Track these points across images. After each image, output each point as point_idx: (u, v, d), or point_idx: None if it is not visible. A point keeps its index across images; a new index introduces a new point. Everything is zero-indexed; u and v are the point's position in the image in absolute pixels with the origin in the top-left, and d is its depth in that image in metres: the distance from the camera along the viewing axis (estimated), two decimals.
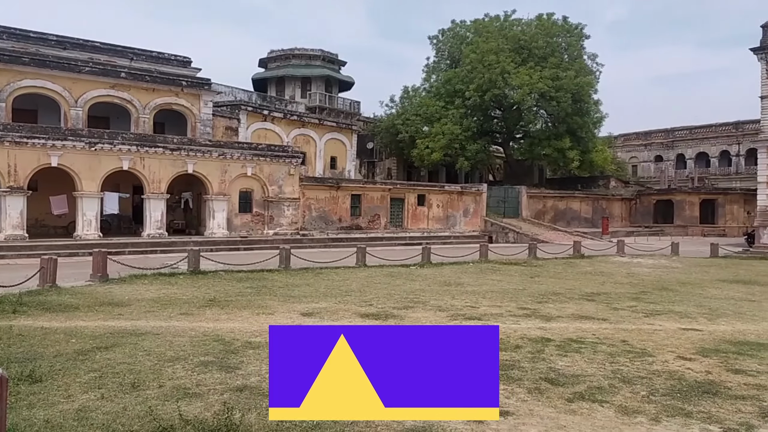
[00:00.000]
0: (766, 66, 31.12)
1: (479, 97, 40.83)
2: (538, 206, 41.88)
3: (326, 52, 49.68)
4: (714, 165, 56.12)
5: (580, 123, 42.25)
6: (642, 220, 46.62)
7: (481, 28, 44.70)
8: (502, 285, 15.25)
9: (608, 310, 11.62)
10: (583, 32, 44.59)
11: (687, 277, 18.14)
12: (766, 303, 13.03)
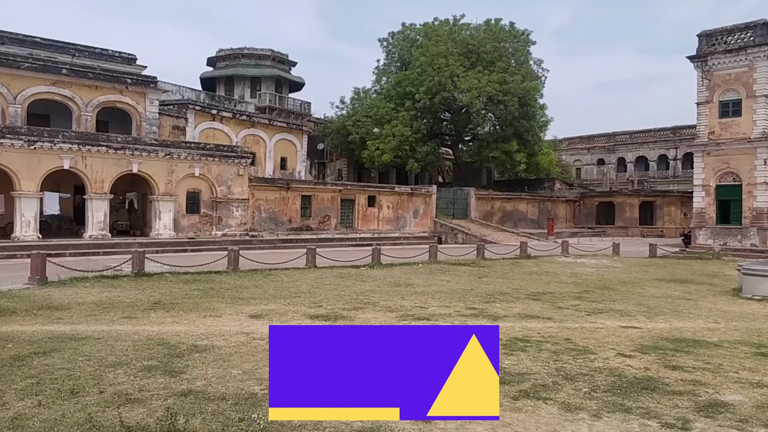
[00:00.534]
0: (701, 74, 32.65)
1: (429, 99, 41.27)
2: (486, 208, 42.63)
3: (276, 52, 49.18)
4: (653, 168, 58.50)
5: (527, 126, 43.30)
6: (585, 221, 48.13)
7: (431, 31, 45.20)
8: (450, 285, 15.45)
9: (553, 309, 11.93)
10: (529, 38, 45.76)
11: (627, 276, 18.82)
12: (702, 301, 13.63)
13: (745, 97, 30.94)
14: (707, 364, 7.55)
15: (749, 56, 30.76)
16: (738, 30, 31.60)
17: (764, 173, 30.33)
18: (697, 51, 32.92)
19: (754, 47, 30.54)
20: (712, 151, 32.26)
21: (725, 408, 5.81)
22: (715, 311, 12.12)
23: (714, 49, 32.10)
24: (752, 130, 30.68)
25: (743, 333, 9.75)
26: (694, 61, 32.91)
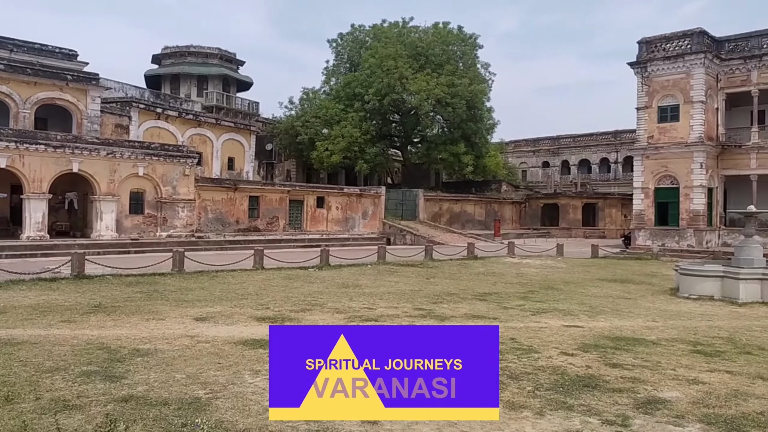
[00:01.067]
0: (641, 80, 33.96)
1: (378, 101, 41.39)
2: (434, 209, 43.07)
3: (224, 51, 48.31)
4: (595, 171, 60.48)
5: (474, 129, 44.01)
6: (531, 222, 49.30)
7: (380, 33, 45.37)
8: (399, 286, 15.51)
9: (499, 309, 12.13)
10: (476, 42, 46.51)
11: (570, 276, 19.34)
12: (641, 300, 14.12)
13: (683, 103, 32.38)
14: (646, 361, 7.79)
15: (686, 63, 32.22)
16: (676, 38, 33.05)
17: (700, 176, 31.82)
18: (637, 57, 34.23)
19: (690, 54, 32.00)
20: (651, 154, 33.62)
21: (663, 404, 5.99)
22: (653, 310, 12.57)
23: (653, 55, 33.46)
24: (689, 135, 32.13)
25: (680, 331, 10.13)
26: (635, 67, 34.21)
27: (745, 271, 13.89)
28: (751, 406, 5.94)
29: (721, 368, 7.52)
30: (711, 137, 32.52)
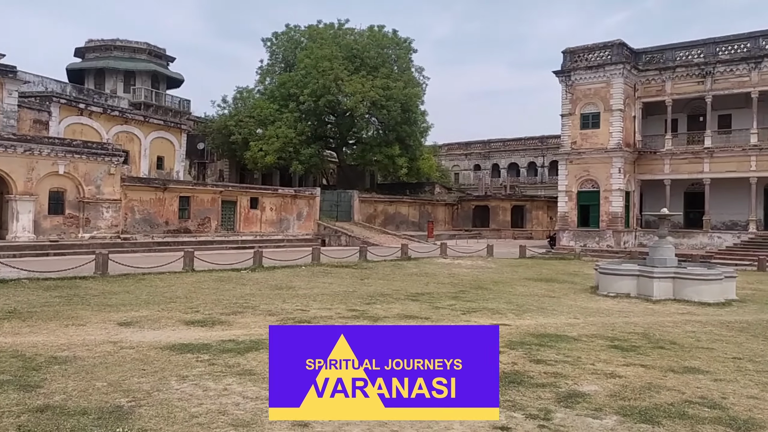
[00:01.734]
0: (565, 88, 35.42)
1: (313, 102, 41.19)
2: (369, 210, 43.25)
3: (153, 46, 46.67)
4: (523, 174, 62.47)
5: (409, 132, 44.53)
6: (463, 223, 50.38)
7: (316, 34, 45.17)
8: (333, 287, 15.49)
9: (431, 309, 12.33)
10: (411, 46, 47.08)
11: (500, 276, 19.90)
12: (564, 299, 14.70)
13: (603, 111, 34.01)
14: (567, 357, 8.10)
15: (607, 73, 33.86)
16: (597, 48, 34.67)
17: (619, 181, 33.50)
18: (561, 66, 35.66)
19: (610, 65, 33.66)
20: (574, 159, 35.11)
21: (582, 398, 6.25)
22: (575, 308, 13.11)
23: (576, 65, 34.96)
24: (609, 141, 33.77)
25: (599, 327, 10.62)
26: (559, 76, 35.63)
27: (658, 270, 14.73)
28: (663, 398, 6.31)
29: (636, 362, 7.94)
30: (629, 144, 34.32)
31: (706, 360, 8.12)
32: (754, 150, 31.67)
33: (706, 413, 5.78)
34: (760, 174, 31.57)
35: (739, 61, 32.04)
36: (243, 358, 7.48)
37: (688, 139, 35.03)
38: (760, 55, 31.39)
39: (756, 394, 6.48)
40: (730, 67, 32.37)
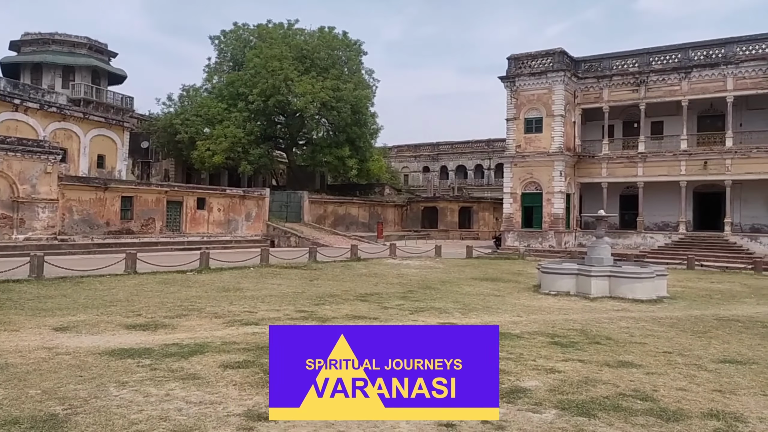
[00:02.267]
0: (510, 93, 36.30)
1: (263, 102, 40.73)
2: (319, 211, 43.09)
3: (94, 41, 44.98)
4: (471, 177, 63.56)
5: (359, 133, 44.63)
6: (412, 224, 50.83)
7: (265, 33, 44.70)
8: (282, 289, 15.39)
9: (379, 309, 12.42)
10: (361, 48, 47.23)
11: (447, 276, 20.21)
12: (508, 297, 15.07)
13: (546, 116, 35.04)
14: (510, 354, 8.31)
15: (549, 80, 34.92)
16: (540, 56, 35.70)
17: (560, 183, 34.59)
18: (506, 72, 36.55)
19: (552, 72, 34.74)
20: (519, 162, 36.03)
21: (524, 393, 6.44)
22: (518, 306, 13.48)
23: (521, 71, 35.90)
24: (551, 145, 34.84)
25: (541, 325, 10.96)
26: (504, 82, 36.51)
27: (595, 269, 15.32)
28: (599, 391, 6.58)
29: (574, 357, 8.25)
30: (569, 148, 35.50)
31: (638, 354, 8.51)
32: (684, 155, 33.33)
33: (638, 405, 6.07)
34: (690, 178, 33.25)
35: (671, 71, 33.66)
36: (187, 362, 7.36)
37: (623, 144, 36.54)
38: (690, 66, 33.07)
39: (684, 386, 6.85)
40: (662, 76, 33.95)
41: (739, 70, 31.73)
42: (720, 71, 32.27)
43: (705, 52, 33.16)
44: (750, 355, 8.60)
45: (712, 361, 8.16)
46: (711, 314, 12.70)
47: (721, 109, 33.34)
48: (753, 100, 32.67)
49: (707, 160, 32.74)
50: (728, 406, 6.09)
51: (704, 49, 33.27)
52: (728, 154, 32.06)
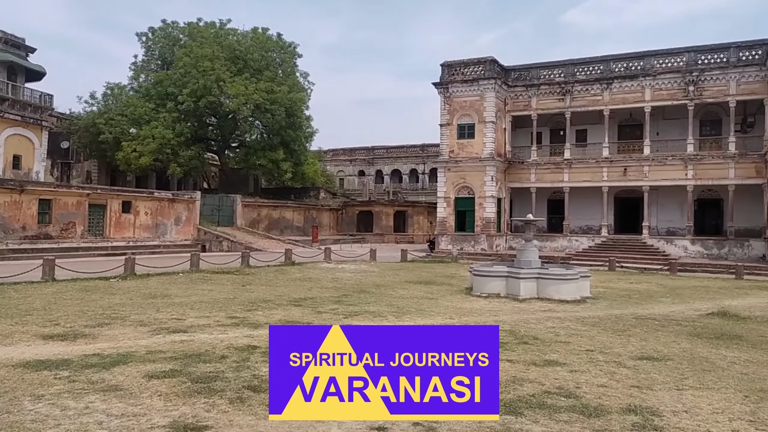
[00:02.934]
0: (444, 99, 36.99)
1: (193, 102, 39.68)
2: (253, 215, 42.36)
3: (9, 35, 42.33)
4: (405, 181, 64.26)
5: (293, 136, 44.23)
6: (347, 228, 50.81)
7: (196, 32, 43.59)
8: (212, 295, 15.00)
9: (313, 314, 12.32)
10: (296, 51, 46.86)
11: (381, 279, 20.29)
12: (441, 300, 15.29)
13: (478, 122, 35.93)
14: None
15: (480, 87, 35.84)
16: (472, 63, 36.59)
17: (492, 188, 35.53)
18: (440, 79, 37.24)
19: (484, 80, 35.68)
20: (452, 167, 36.74)
21: None
22: (451, 308, 13.70)
23: (454, 78, 36.66)
24: (483, 151, 35.74)
25: None
26: (438, 88, 37.18)
27: (524, 272, 15.82)
28: (525, 390, 6.77)
29: (503, 357, 8.44)
30: (500, 154, 36.54)
31: (563, 353, 8.84)
32: (606, 162, 35.01)
33: (562, 402, 6.30)
34: (611, 184, 34.97)
35: (594, 81, 35.31)
36: (108, 374, 7.04)
37: (550, 151, 37.98)
38: (611, 77, 34.80)
39: (605, 383, 7.16)
40: (586, 86, 35.57)
41: (656, 81, 33.67)
42: (639, 83, 34.13)
43: (625, 65, 34.98)
44: (665, 352, 9.10)
45: (631, 358, 8.57)
46: (630, 313, 13.35)
47: (639, 119, 35.24)
48: (669, 110, 34.74)
49: (627, 166, 34.51)
50: (645, 401, 6.41)
51: (624, 61, 35.09)
52: (646, 161, 33.91)
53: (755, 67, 31.28)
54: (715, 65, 32.47)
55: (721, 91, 32.35)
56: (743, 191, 32.05)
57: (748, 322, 12.34)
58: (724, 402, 6.44)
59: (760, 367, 8.23)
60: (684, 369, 7.95)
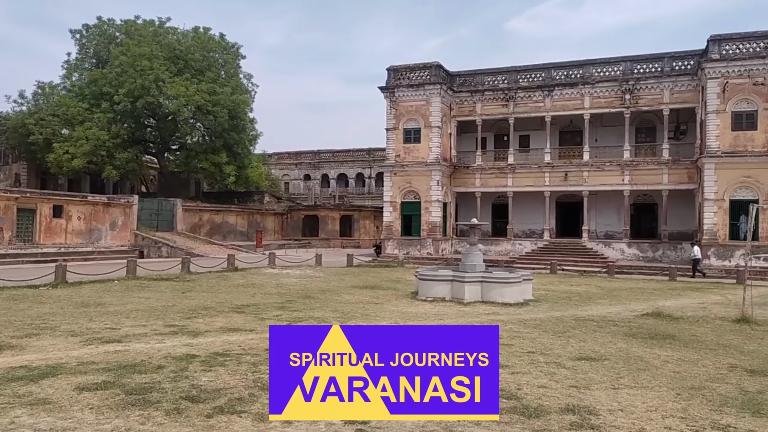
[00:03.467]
0: (390, 103, 37.14)
1: (130, 103, 38.42)
2: (194, 220, 41.31)
3: None
4: (352, 185, 64.19)
5: (237, 139, 43.45)
6: (293, 233, 50.27)
7: (133, 30, 42.23)
8: (150, 302, 14.47)
9: (256, 320, 12.06)
10: (239, 52, 46.10)
11: (327, 285, 20.14)
12: (387, 304, 15.29)
13: (423, 127, 36.26)
14: None
15: (426, 92, 36.19)
16: (418, 68, 36.93)
17: (437, 192, 35.90)
18: (386, 83, 37.39)
19: (429, 85, 36.05)
20: (398, 171, 36.93)
21: None
22: (396, 313, 13.71)
23: (400, 82, 36.90)
24: (428, 156, 36.07)
25: None
26: (384, 92, 37.32)
27: (469, 275, 16.01)
28: None
29: None
30: (446, 158, 37.01)
31: (505, 355, 8.95)
32: (548, 167, 36.01)
33: (504, 404, 6.34)
34: (553, 188, 35.98)
35: (536, 88, 36.28)
36: (36, 386, 6.65)
37: (495, 156, 38.75)
38: (552, 84, 35.85)
39: (545, 384, 7.29)
40: (528, 93, 36.51)
41: (595, 89, 34.90)
42: (578, 90, 35.28)
43: (565, 72, 36.11)
44: (603, 352, 9.37)
45: (570, 359, 8.78)
46: (570, 315, 13.72)
47: (579, 126, 36.42)
48: (607, 117, 36.05)
49: (567, 172, 35.59)
50: (583, 401, 6.56)
51: (565, 69, 36.23)
52: (585, 166, 35.08)
53: (687, 77, 32.88)
54: (650, 74, 33.94)
55: (655, 99, 33.83)
56: (676, 196, 33.59)
57: (680, 322, 12.89)
58: (658, 400, 6.66)
59: (691, 365, 8.58)
60: (620, 368, 8.20)
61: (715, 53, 29.87)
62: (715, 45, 30.02)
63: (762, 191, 28.68)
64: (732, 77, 29.48)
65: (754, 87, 29.16)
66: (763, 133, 28.98)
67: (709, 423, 5.87)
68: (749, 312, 13.42)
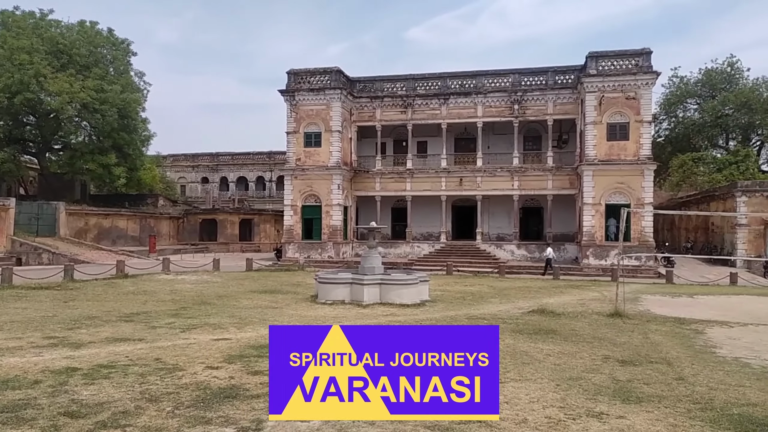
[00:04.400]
0: (290, 107, 36.85)
1: (7, 99, 35.54)
2: (79, 224, 38.74)
3: None
4: (252, 189, 62.85)
5: (128, 140, 41.32)
6: (189, 237, 48.42)
7: (11, 21, 39.02)
8: (27, 313, 13.44)
9: (146, 329, 11.56)
10: (129, 48, 43.89)
11: (225, 290, 19.66)
12: (286, 308, 15.19)
13: (324, 131, 36.32)
14: None
15: (327, 97, 36.29)
16: (319, 73, 36.95)
17: (338, 196, 36.06)
18: (286, 86, 37.10)
19: (330, 89, 36.19)
20: (299, 175, 36.72)
21: None
22: (295, 317, 13.65)
23: (300, 86, 36.73)
24: (329, 160, 36.18)
25: None
26: (285, 95, 37.00)
27: (367, 278, 16.27)
28: None
29: None
30: (347, 163, 37.29)
31: None
32: (444, 173, 37.29)
33: None
34: (449, 193, 37.30)
35: (433, 96, 37.49)
36: None
37: (394, 161, 39.56)
38: (448, 93, 37.20)
39: None
40: (425, 100, 37.65)
41: (487, 99, 36.59)
42: (472, 99, 36.83)
43: (460, 82, 37.56)
44: None
45: None
46: (463, 314, 14.32)
47: (473, 133, 38.00)
48: (498, 126, 37.89)
49: (462, 177, 37.01)
50: None
51: (460, 79, 37.68)
52: (479, 172, 36.65)
53: (569, 90, 35.31)
54: (535, 87, 36.11)
55: (540, 110, 36.03)
56: (560, 201, 35.92)
57: (561, 318, 13.85)
58: (539, 391, 7.16)
59: (570, 357, 9.28)
60: (507, 363, 8.70)
61: (592, 69, 32.34)
62: (593, 61, 32.51)
63: (633, 196, 31.39)
64: (607, 91, 32.04)
65: (626, 101, 31.87)
66: (634, 143, 31.74)
67: (585, 411, 6.38)
68: (622, 307, 14.69)
